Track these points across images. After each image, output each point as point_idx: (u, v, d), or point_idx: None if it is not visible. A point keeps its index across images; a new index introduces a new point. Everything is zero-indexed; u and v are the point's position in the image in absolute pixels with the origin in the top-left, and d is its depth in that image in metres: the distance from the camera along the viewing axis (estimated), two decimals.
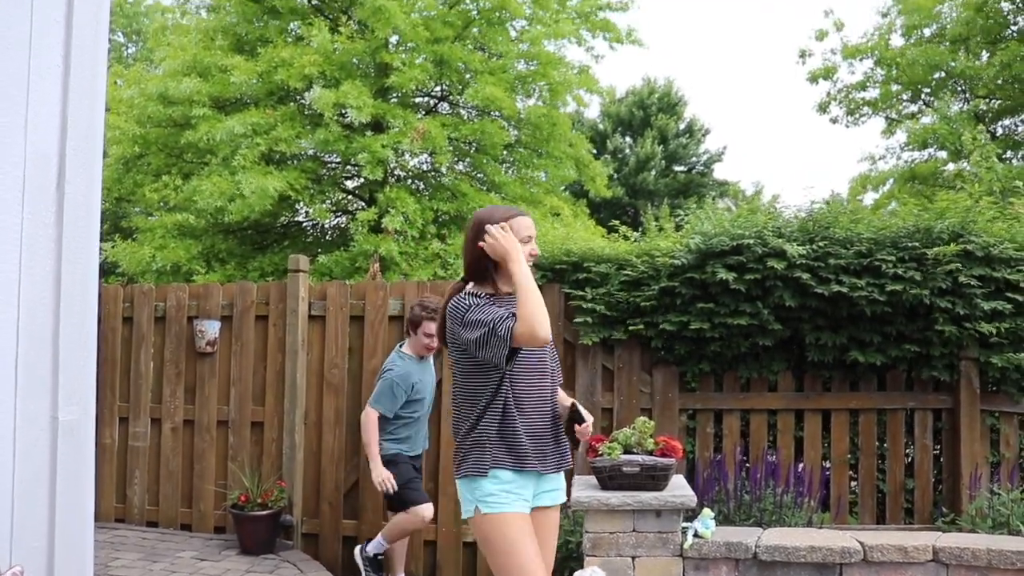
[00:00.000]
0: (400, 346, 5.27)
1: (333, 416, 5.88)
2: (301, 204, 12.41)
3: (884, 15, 15.79)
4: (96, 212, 2.49)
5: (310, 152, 12.24)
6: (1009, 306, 5.28)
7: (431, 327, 5.07)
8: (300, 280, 5.91)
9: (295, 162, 12.04)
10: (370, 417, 5.11)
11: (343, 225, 13.44)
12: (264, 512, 5.49)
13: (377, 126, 11.74)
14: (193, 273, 11.30)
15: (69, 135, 2.35)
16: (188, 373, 6.13)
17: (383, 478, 5.02)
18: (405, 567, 5.66)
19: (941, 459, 5.73)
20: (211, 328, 6.02)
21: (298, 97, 12.17)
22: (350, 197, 13.63)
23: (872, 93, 16.20)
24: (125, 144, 11.91)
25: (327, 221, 12.82)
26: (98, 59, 2.49)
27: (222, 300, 6.09)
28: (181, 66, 11.86)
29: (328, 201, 12.73)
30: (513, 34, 12.91)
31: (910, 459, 5.71)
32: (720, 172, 28.90)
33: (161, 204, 12.44)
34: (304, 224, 13.61)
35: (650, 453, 4.53)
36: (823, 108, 16.70)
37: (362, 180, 12.31)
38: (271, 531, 5.54)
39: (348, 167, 12.63)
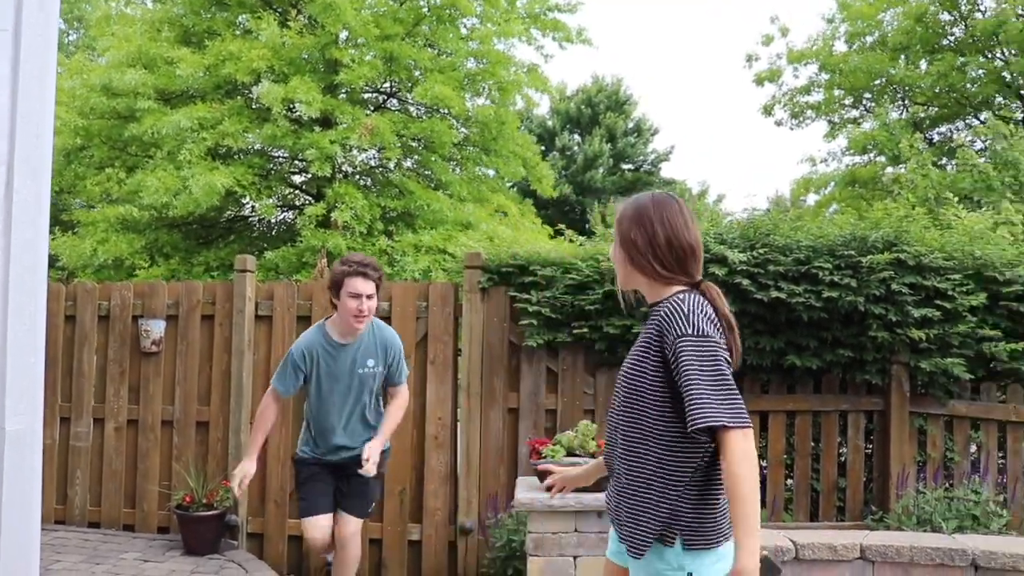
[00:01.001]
0: (324, 320, 4.46)
1: (279, 416, 5.88)
2: (247, 199, 12.32)
3: (829, 21, 16.16)
4: (45, 220, 2.50)
5: (257, 147, 12.15)
6: (938, 313, 5.48)
7: (359, 284, 4.15)
8: (247, 280, 5.91)
9: (242, 157, 11.95)
10: (267, 395, 4.44)
11: (290, 220, 13.36)
12: (209, 512, 5.49)
13: (326, 122, 11.70)
14: (136, 267, 11.15)
15: (18, 144, 2.36)
16: (132, 372, 6.08)
17: (236, 473, 4.32)
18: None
19: (872, 459, 5.94)
20: (156, 327, 5.98)
21: (246, 91, 12.07)
22: (297, 192, 13.56)
23: (816, 97, 16.58)
24: (66, 135, 11.70)
25: (274, 216, 12.75)
26: (48, 67, 2.49)
27: (168, 299, 6.06)
28: (126, 57, 11.68)
29: (275, 196, 12.65)
30: (463, 32, 12.96)
31: (843, 459, 5.91)
32: (667, 171, 29.29)
33: (103, 197, 12.25)
34: (250, 219, 13.51)
35: (592, 455, 4.64)
36: (768, 111, 17.05)
37: (309, 176, 12.26)
38: (216, 531, 5.55)
39: (296, 162, 12.57)
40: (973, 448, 5.91)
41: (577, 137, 27.24)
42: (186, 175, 10.50)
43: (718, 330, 2.32)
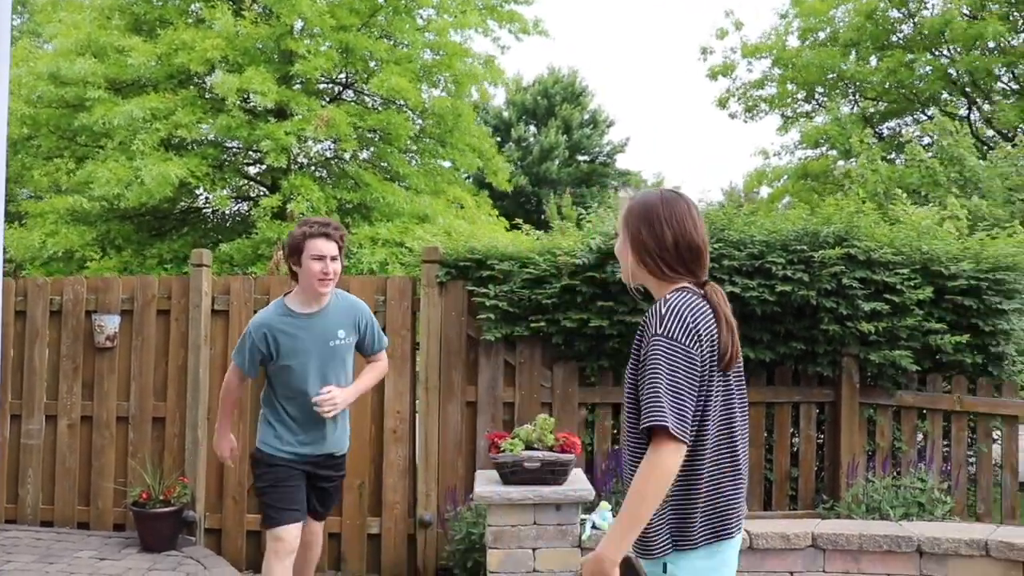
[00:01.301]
0: (282, 296, 4.14)
1: (236, 411, 5.85)
2: (201, 190, 12.16)
3: (783, 16, 16.37)
4: (0, 217, 2.48)
5: (211, 138, 11.99)
6: (887, 307, 5.62)
7: (321, 245, 3.87)
8: (203, 274, 5.86)
9: (196, 148, 11.79)
10: (229, 374, 4.16)
11: (245, 212, 13.23)
12: (166, 509, 5.46)
13: (281, 113, 11.60)
14: (87, 260, 10.97)
15: None
16: (86, 369, 6.00)
17: (218, 450, 4.19)
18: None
19: (824, 449, 6.08)
20: (110, 323, 5.91)
21: (200, 81, 11.90)
22: (252, 184, 13.43)
23: (769, 90, 16.81)
24: (13, 124, 11.39)
25: (228, 208, 12.61)
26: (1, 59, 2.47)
27: (122, 294, 5.98)
28: (74, 45, 11.43)
29: (230, 188, 12.51)
30: (420, 23, 12.90)
31: (795, 449, 6.04)
32: (623, 162, 29.52)
33: (52, 187, 12.01)
34: (204, 211, 13.34)
35: (550, 449, 4.71)
36: (722, 103, 17.25)
37: (265, 167, 12.14)
38: (174, 528, 5.51)
39: (251, 153, 12.44)
40: (920, 437, 6.07)
41: (533, 128, 27.29)
42: (139, 166, 10.34)
43: (694, 334, 2.28)
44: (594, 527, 4.67)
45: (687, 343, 2.25)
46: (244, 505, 5.80)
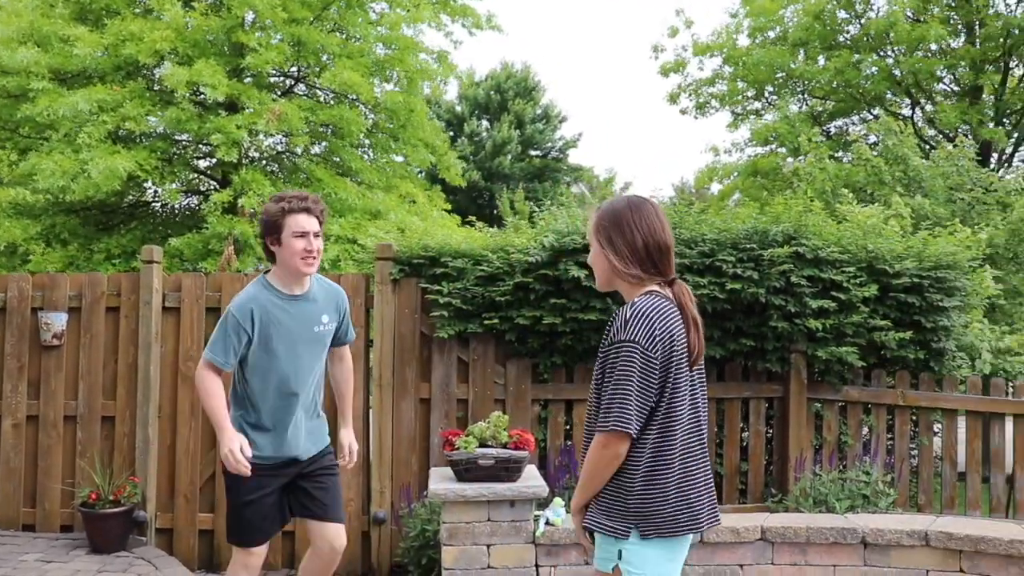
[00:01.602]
0: (261, 276, 3.79)
1: (188, 409, 5.80)
2: (150, 184, 11.95)
3: (733, 16, 16.57)
4: None
5: (160, 131, 11.79)
6: (833, 304, 5.75)
7: (303, 221, 3.55)
8: (154, 271, 5.79)
9: (145, 140, 11.58)
10: (201, 371, 3.60)
11: (195, 206, 13.04)
12: (116, 509, 5.38)
13: (232, 106, 11.44)
14: (30, 254, 10.72)
15: None
16: (32, 367, 5.88)
17: (226, 451, 3.46)
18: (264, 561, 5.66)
19: (772, 443, 6.21)
20: (57, 320, 5.81)
21: (148, 73, 11.69)
22: (202, 178, 13.24)
23: (720, 88, 17.00)
24: None
25: (178, 202, 12.41)
26: None
27: (70, 291, 5.88)
28: (16, 33, 11.13)
29: (179, 181, 12.31)
30: (373, 17, 12.82)
31: (745, 444, 6.15)
32: (575, 157, 29.66)
33: None
34: (153, 204, 13.12)
35: (504, 446, 4.74)
36: (673, 99, 17.41)
37: (215, 161, 11.97)
38: (124, 528, 5.44)
39: (201, 147, 12.25)
40: (865, 431, 6.22)
41: (486, 123, 27.29)
42: (85, 158, 10.13)
43: (657, 335, 2.46)
44: (548, 523, 4.72)
45: (647, 347, 2.44)
46: (196, 504, 5.75)
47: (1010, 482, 6.32)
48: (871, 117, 15.50)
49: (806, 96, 16.27)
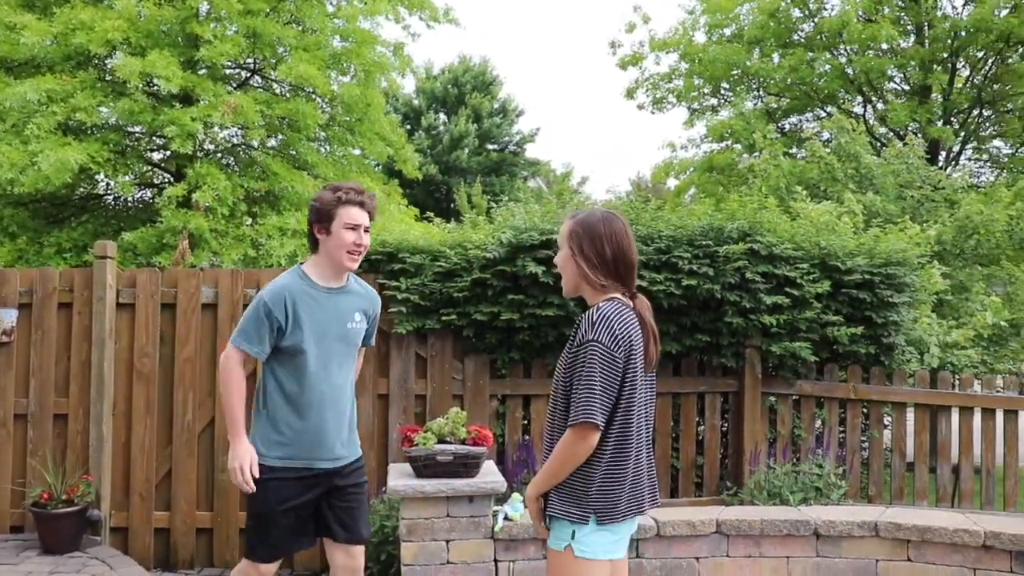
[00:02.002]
0: (298, 266, 3.62)
1: (143, 406, 5.73)
2: (102, 177, 11.73)
3: (690, 12, 16.69)
4: None
5: (113, 122, 11.58)
6: (787, 300, 5.85)
7: (356, 214, 3.47)
8: (107, 267, 5.70)
9: (96, 132, 11.37)
10: (229, 360, 3.42)
11: (148, 199, 12.83)
12: (69, 509, 5.30)
13: (186, 98, 11.28)
14: None
15: None
16: None
17: (236, 465, 3.32)
18: (218, 555, 5.63)
19: (727, 437, 6.30)
20: (7, 317, 5.70)
21: (100, 63, 11.47)
22: (156, 170, 13.03)
23: (677, 84, 17.12)
24: None
25: (131, 195, 12.20)
26: None
27: (20, 287, 5.77)
28: None
29: (132, 174, 12.10)
30: (330, 8, 12.71)
31: (701, 438, 6.24)
32: (532, 152, 29.79)
33: None
34: (105, 197, 12.89)
35: (463, 442, 4.76)
36: (631, 94, 17.48)
37: (169, 153, 11.80)
38: (77, 528, 5.36)
39: (155, 139, 12.06)
40: (818, 424, 6.35)
41: (443, 117, 27.23)
42: (35, 150, 9.91)
43: (620, 339, 2.67)
44: (506, 518, 4.75)
45: (612, 347, 2.66)
46: (152, 502, 5.68)
47: (956, 472, 6.49)
48: (825, 114, 15.73)
49: (761, 93, 16.47)
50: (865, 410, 6.39)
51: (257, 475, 3.34)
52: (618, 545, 2.82)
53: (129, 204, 12.91)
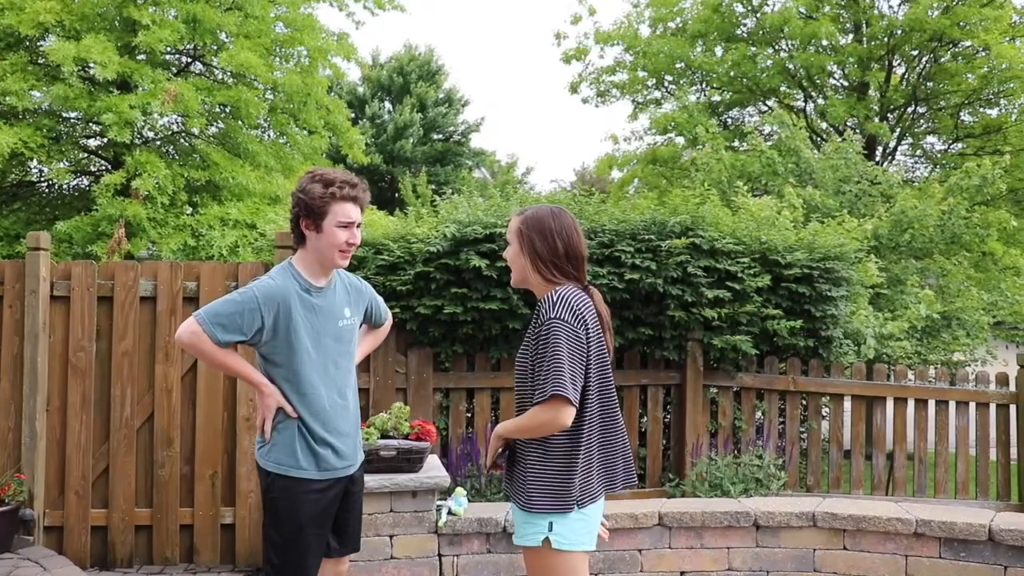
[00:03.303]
0: (288, 261, 3.32)
1: (79, 401, 5.60)
2: (36, 163, 11.41)
3: (635, 5, 16.78)
4: None
5: (46, 107, 11.26)
6: (728, 294, 5.94)
7: (350, 210, 3.19)
8: (41, 259, 5.54)
9: (29, 117, 11.04)
10: (201, 342, 3.11)
11: (84, 187, 12.51)
12: (0, 508, 5.16)
13: (124, 84, 11.01)
14: None
15: None
16: None
17: (273, 400, 3.15)
18: (158, 552, 5.53)
19: (670, 429, 6.38)
20: None
21: (31, 46, 11.13)
22: (93, 158, 12.71)
23: (621, 76, 17.22)
24: None
25: (67, 182, 11.88)
26: None
27: None
28: None
29: (68, 161, 11.79)
30: None
31: (644, 430, 6.30)
32: (477, 142, 29.79)
33: None
34: (39, 185, 12.54)
35: (406, 436, 4.75)
36: (574, 88, 17.52)
37: (106, 140, 11.50)
38: (8, 528, 5.21)
39: (91, 125, 11.75)
40: (759, 416, 6.46)
41: (388, 106, 27.01)
42: None
43: (580, 317, 2.70)
44: (450, 512, 4.75)
45: (575, 324, 2.68)
46: (88, 500, 5.55)
47: (890, 460, 6.66)
48: (767, 109, 15.97)
49: (704, 87, 16.65)
50: (804, 402, 6.52)
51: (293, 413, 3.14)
52: (592, 535, 2.82)
53: (64, 192, 12.58)
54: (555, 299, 2.71)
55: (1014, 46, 13.51)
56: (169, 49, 11.59)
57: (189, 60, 12.54)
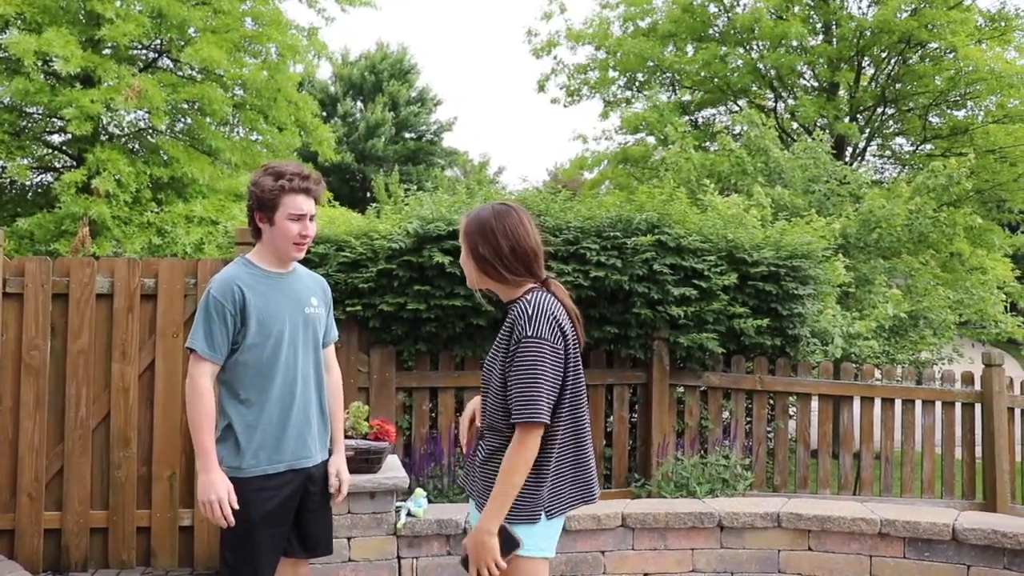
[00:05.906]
0: (240, 258, 3.35)
1: (33, 401, 5.46)
2: None
3: (604, 6, 16.73)
4: None
5: (6, 102, 11.04)
6: (695, 292, 5.90)
7: (302, 203, 3.18)
8: None
9: None
10: (194, 374, 3.09)
11: (47, 184, 12.30)
12: None
13: (87, 79, 10.83)
14: None
15: None
16: None
17: (214, 499, 3.01)
18: (114, 555, 5.41)
19: (636, 429, 6.33)
20: None
21: None
22: (56, 154, 12.50)
23: (592, 75, 17.16)
24: None
25: (28, 179, 11.67)
26: None
27: None
28: None
29: (30, 157, 11.58)
30: None
31: (609, 430, 6.26)
32: (450, 141, 29.75)
33: None
34: (0, 181, 12.31)
35: (364, 436, 4.67)
36: (542, 87, 17.40)
37: (69, 136, 11.31)
38: None
39: (54, 121, 11.55)
40: (725, 415, 6.43)
41: (360, 104, 26.89)
42: None
43: (558, 329, 2.61)
44: (409, 514, 4.67)
45: (553, 340, 2.60)
46: (42, 502, 5.42)
47: (857, 459, 6.65)
48: (737, 108, 15.98)
49: (675, 86, 16.65)
50: (771, 401, 6.51)
51: (236, 505, 3.03)
52: (554, 541, 2.74)
53: (26, 189, 12.36)
54: (531, 312, 2.60)
55: (980, 49, 13.60)
56: (135, 44, 11.42)
57: (155, 55, 12.36)
